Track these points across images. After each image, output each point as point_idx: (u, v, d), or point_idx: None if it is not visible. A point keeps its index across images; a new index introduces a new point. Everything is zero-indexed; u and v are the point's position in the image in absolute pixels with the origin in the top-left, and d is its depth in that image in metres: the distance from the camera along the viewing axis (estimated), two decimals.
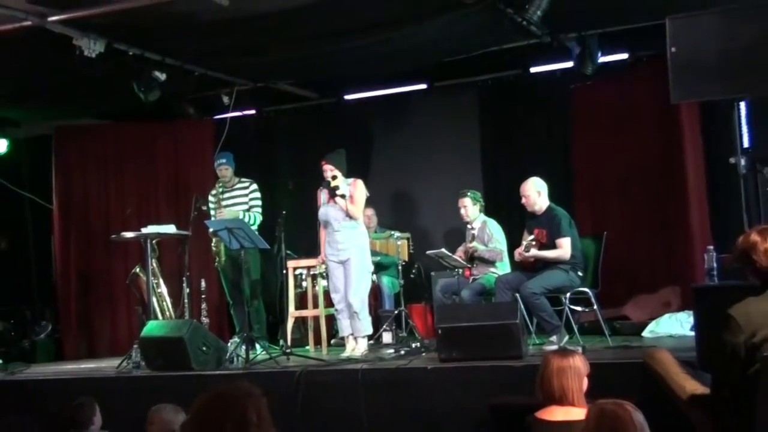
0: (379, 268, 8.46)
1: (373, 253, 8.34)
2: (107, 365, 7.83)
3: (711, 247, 5.49)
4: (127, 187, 9.68)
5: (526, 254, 6.69)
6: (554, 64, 8.46)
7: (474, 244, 7.37)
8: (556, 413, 3.61)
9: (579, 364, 3.71)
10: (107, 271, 9.54)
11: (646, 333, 7.08)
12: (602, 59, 7.82)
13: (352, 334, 7.02)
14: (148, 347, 6.96)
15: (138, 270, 7.81)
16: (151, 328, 7.03)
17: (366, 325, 6.98)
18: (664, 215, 7.84)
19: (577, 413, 3.54)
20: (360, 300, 6.92)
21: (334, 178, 6.96)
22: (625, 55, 8.17)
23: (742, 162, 5.47)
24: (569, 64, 8.08)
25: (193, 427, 2.53)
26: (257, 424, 2.48)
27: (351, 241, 6.94)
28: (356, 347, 6.94)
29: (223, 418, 2.46)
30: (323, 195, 7.05)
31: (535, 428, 3.63)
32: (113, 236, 7.82)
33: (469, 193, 7.51)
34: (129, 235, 7.61)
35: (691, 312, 6.37)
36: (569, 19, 7.28)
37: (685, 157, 7.51)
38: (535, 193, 6.81)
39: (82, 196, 9.73)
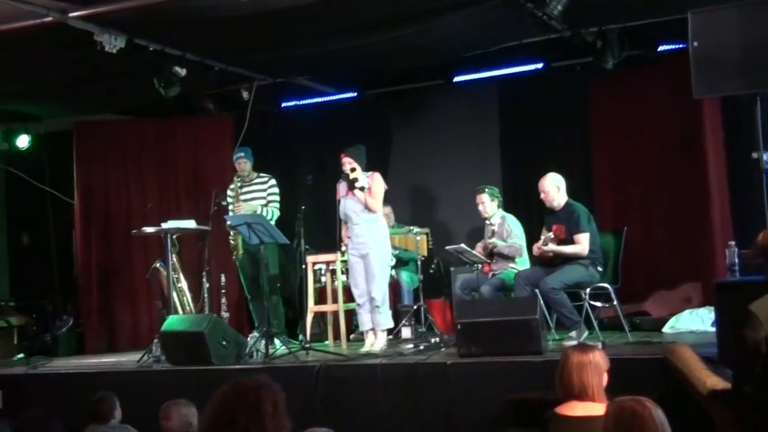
0: (399, 263, 8.47)
1: (393, 248, 8.37)
2: (128, 359, 7.88)
3: (732, 243, 5.46)
4: (147, 182, 9.73)
5: (545, 248, 6.68)
6: (574, 59, 8.41)
7: (493, 240, 7.36)
8: (576, 409, 3.60)
9: (599, 359, 3.70)
10: (128, 265, 9.60)
11: (666, 329, 7.05)
12: (622, 54, 7.78)
13: (372, 329, 7.02)
14: (168, 341, 7.01)
15: (158, 265, 7.85)
16: (172, 322, 7.07)
17: (387, 319, 6.99)
18: (685, 210, 7.80)
19: (596, 409, 3.53)
20: (381, 293, 6.93)
21: (353, 170, 6.96)
22: (645, 50, 8.11)
23: (765, 157, 5.43)
24: (589, 58, 8.04)
25: (210, 416, 2.54)
26: (272, 415, 2.48)
27: (370, 234, 6.95)
28: (375, 342, 6.96)
29: (238, 408, 2.48)
30: (342, 188, 7.06)
31: (554, 423, 3.62)
32: (134, 231, 7.86)
33: (486, 189, 7.50)
34: (149, 230, 7.65)
35: (711, 308, 6.33)
36: (589, 13, 7.25)
37: (707, 152, 7.46)
38: (554, 188, 6.78)
39: (103, 191, 9.78)
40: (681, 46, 6.86)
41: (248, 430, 2.46)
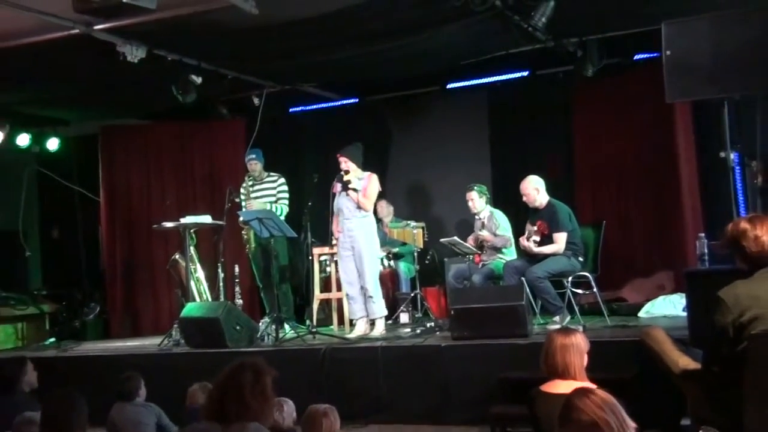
0: (397, 254, 8.48)
1: (391, 241, 8.37)
2: (150, 343, 7.88)
3: (702, 235, 5.45)
4: (167, 180, 9.72)
5: (526, 244, 6.67)
6: (557, 67, 8.40)
7: (483, 232, 7.35)
8: (559, 386, 3.59)
9: (580, 341, 3.69)
10: (149, 257, 9.59)
11: (641, 313, 7.05)
12: (601, 62, 7.77)
13: (363, 317, 6.96)
14: (186, 326, 7.00)
15: (177, 256, 7.84)
16: (190, 309, 7.07)
17: (380, 307, 6.92)
18: (659, 205, 7.80)
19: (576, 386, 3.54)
20: (373, 283, 6.86)
21: (347, 172, 6.92)
22: (622, 58, 8.10)
23: (732, 156, 5.43)
24: (571, 67, 8.03)
25: (210, 392, 2.84)
26: (252, 383, 2.70)
27: (360, 229, 6.87)
28: (368, 329, 6.90)
29: (223, 377, 2.74)
30: (339, 185, 7.03)
31: (539, 400, 3.63)
32: (155, 226, 7.85)
33: (475, 187, 7.48)
34: (169, 224, 7.64)
35: (683, 294, 6.32)
36: (571, 25, 7.23)
37: (679, 151, 7.46)
38: (534, 190, 6.76)
39: (126, 189, 9.78)
40: (655, 54, 6.83)
41: (226, 392, 2.69)
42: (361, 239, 6.85)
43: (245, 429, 2.64)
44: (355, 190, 6.84)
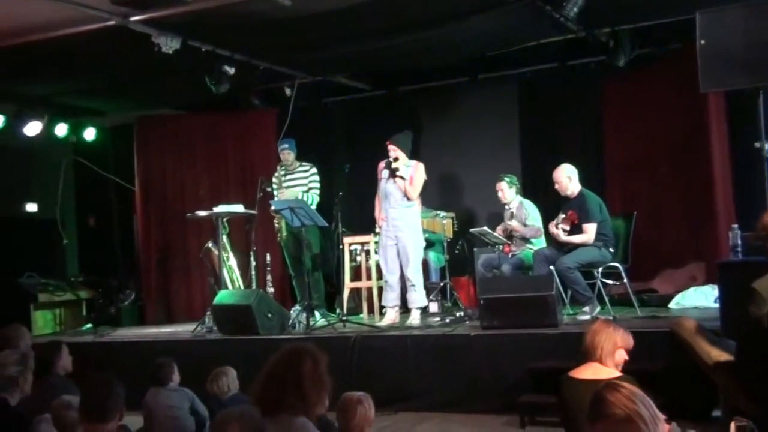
0: (427, 244, 8.45)
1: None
2: (183, 329, 7.95)
3: (735, 226, 5.36)
4: (200, 170, 9.76)
5: (555, 231, 6.60)
6: (589, 58, 8.29)
7: (512, 222, 7.30)
8: (586, 372, 3.59)
9: (617, 331, 3.67)
10: (183, 245, 9.66)
11: (672, 305, 6.96)
12: (633, 52, 7.65)
13: (395, 306, 6.95)
14: (219, 314, 7.05)
15: (210, 245, 7.90)
16: (222, 296, 7.11)
17: (421, 297, 6.92)
18: (691, 196, 7.68)
19: (604, 372, 3.54)
20: (416, 273, 6.86)
21: (396, 159, 6.90)
22: (655, 48, 7.97)
23: (766, 146, 5.33)
24: (603, 57, 7.91)
25: (262, 372, 2.70)
26: (312, 370, 2.65)
27: (405, 219, 6.89)
28: (411, 317, 6.87)
29: (279, 363, 2.68)
30: (386, 171, 7.00)
31: (566, 385, 3.63)
32: (188, 215, 7.91)
33: (505, 178, 7.42)
34: (202, 213, 7.69)
35: (715, 286, 6.23)
36: (603, 15, 7.14)
37: (712, 141, 7.33)
38: (566, 178, 6.69)
39: (161, 179, 9.85)
40: (688, 44, 6.72)
41: (285, 380, 2.62)
42: (406, 229, 6.85)
43: (292, 424, 2.57)
44: (402, 177, 6.82)
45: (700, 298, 6.83)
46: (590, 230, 6.49)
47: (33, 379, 4.25)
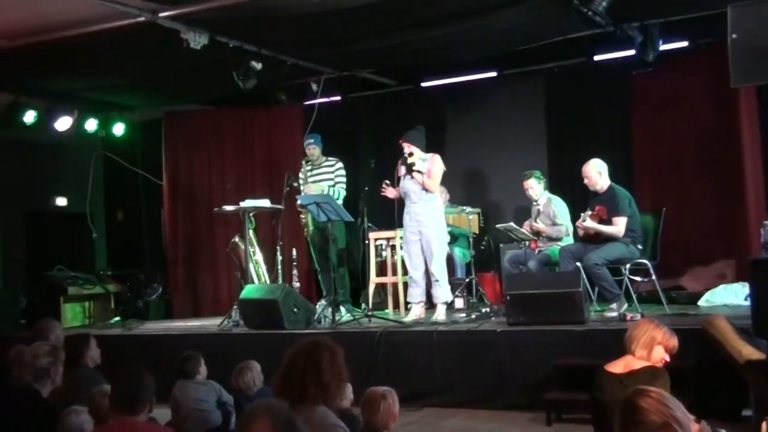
0: (452, 239, 8.41)
1: (446, 225, 8.31)
2: (210, 323, 7.99)
3: (767, 222, 5.27)
4: (227, 165, 9.82)
5: (584, 224, 6.54)
6: (617, 52, 8.18)
7: (539, 223, 7.23)
8: (618, 366, 3.58)
9: (659, 329, 3.67)
10: (210, 240, 9.71)
11: (701, 302, 6.88)
12: (663, 47, 7.54)
13: (421, 302, 6.93)
14: (246, 308, 7.08)
15: (237, 239, 7.93)
16: (249, 291, 7.14)
17: (446, 292, 6.90)
18: (721, 192, 7.58)
19: (635, 363, 3.53)
20: (440, 268, 6.84)
21: (411, 155, 6.89)
22: (685, 43, 7.86)
23: None
24: (631, 52, 7.81)
25: (281, 365, 2.77)
26: (330, 362, 2.72)
27: (427, 213, 6.87)
28: (436, 312, 6.86)
29: (298, 356, 2.74)
30: (403, 168, 6.98)
31: (600, 377, 3.65)
32: (215, 209, 7.95)
33: (534, 174, 7.36)
34: (229, 208, 7.72)
35: (745, 283, 6.15)
36: (632, 9, 7.03)
37: (743, 137, 7.23)
38: (596, 173, 6.63)
39: (188, 174, 9.92)
40: (719, 39, 6.62)
41: (305, 372, 2.68)
42: (429, 223, 6.83)
43: (313, 413, 2.63)
44: (419, 172, 6.80)
45: (730, 296, 6.74)
46: (620, 223, 6.42)
47: (63, 371, 4.31)
